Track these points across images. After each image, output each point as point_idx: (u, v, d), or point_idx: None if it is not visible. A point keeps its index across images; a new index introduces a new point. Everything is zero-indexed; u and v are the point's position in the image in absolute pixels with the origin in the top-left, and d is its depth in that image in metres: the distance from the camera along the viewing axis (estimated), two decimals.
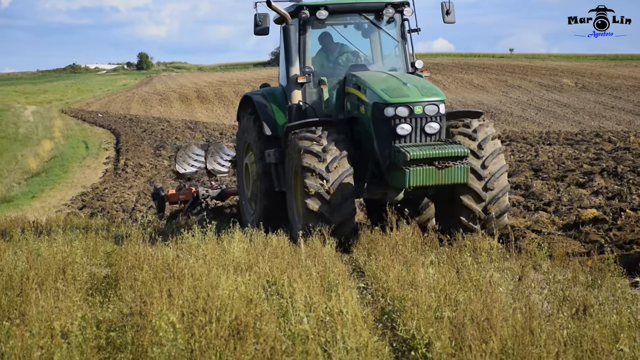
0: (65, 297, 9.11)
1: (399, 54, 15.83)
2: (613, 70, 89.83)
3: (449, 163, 12.92)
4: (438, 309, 8.29)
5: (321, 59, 15.75)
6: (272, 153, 14.79)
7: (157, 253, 11.45)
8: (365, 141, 14.15)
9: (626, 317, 8.05)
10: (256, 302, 8.43)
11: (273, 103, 15.47)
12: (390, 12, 15.26)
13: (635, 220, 14.28)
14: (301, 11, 14.80)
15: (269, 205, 15.28)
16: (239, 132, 17.24)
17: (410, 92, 13.48)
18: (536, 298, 9.08)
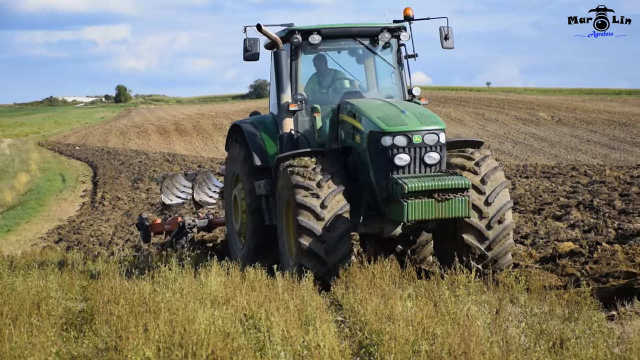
0: (39, 333, 9.02)
1: (395, 80, 15.09)
2: (588, 105, 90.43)
3: (450, 195, 12.19)
4: (415, 342, 8.27)
5: (313, 86, 15.06)
6: (263, 184, 14.14)
7: (133, 287, 11.40)
8: (361, 172, 13.43)
9: (602, 351, 8.08)
10: (233, 336, 8.40)
11: (263, 132, 14.77)
12: (386, 37, 14.63)
13: (611, 253, 14.30)
14: (293, 36, 14.20)
15: (259, 239, 14.54)
16: (227, 162, 16.49)
17: (409, 121, 12.80)
18: (513, 331, 9.06)
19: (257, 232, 14.49)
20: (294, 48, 14.35)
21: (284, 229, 13.53)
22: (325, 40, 14.36)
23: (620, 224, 18.75)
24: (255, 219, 14.48)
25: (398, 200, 12.20)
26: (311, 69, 15.12)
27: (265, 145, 14.52)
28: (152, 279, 12.47)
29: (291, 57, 14.33)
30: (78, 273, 14.91)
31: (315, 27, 14.19)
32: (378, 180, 12.84)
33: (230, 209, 16.16)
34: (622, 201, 24.33)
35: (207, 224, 19.49)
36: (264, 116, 15.63)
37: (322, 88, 15.08)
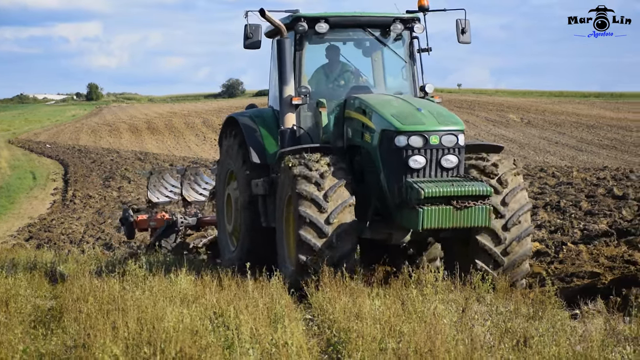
0: (7, 330, 8.98)
1: (406, 76, 13.91)
2: (557, 107, 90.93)
3: (469, 203, 11.15)
4: (383, 340, 8.28)
5: (319, 78, 13.90)
6: (261, 183, 13.04)
7: (102, 285, 11.35)
8: (369, 173, 12.33)
9: (565, 349, 8.14)
10: (202, 333, 8.39)
11: (262, 127, 13.54)
12: (398, 29, 13.39)
13: (576, 253, 14.39)
14: (298, 23, 12.99)
15: (253, 241, 13.42)
16: (221, 157, 15.24)
17: (426, 120, 11.76)
18: (479, 330, 9.12)
19: (252, 234, 13.46)
20: (298, 37, 13.27)
21: (283, 228, 12.50)
22: (333, 29, 13.23)
23: (586, 225, 18.92)
24: (251, 220, 13.44)
25: (413, 207, 11.22)
26: (315, 60, 14.03)
27: (264, 142, 13.38)
28: (122, 277, 12.44)
29: (295, 46, 13.24)
30: (48, 271, 14.83)
31: (323, 15, 13.11)
32: (390, 183, 11.81)
33: (222, 209, 15.07)
34: (588, 202, 24.59)
35: (196, 223, 18.80)
36: (262, 109, 14.56)
37: (328, 81, 13.97)
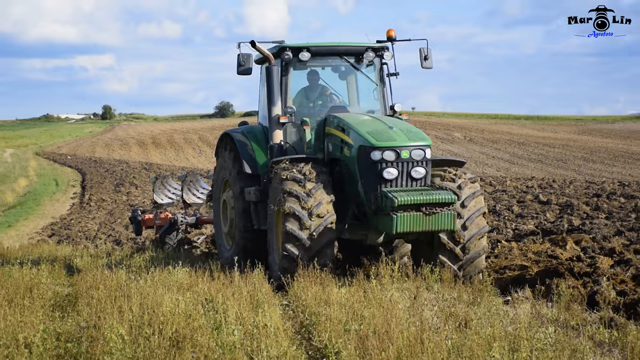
0: (30, 313, 8.90)
1: (377, 96, 13.56)
2: (494, 127, 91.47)
3: (437, 209, 10.94)
4: (347, 323, 8.24)
5: (301, 99, 13.56)
6: (252, 191, 12.70)
7: (111, 275, 11.25)
8: (348, 183, 11.96)
9: (498, 329, 8.13)
10: (194, 317, 8.35)
11: (253, 141, 13.17)
12: (370, 56, 13.18)
13: (509, 249, 14.42)
14: (284, 52, 12.81)
15: (247, 242, 12.98)
16: (217, 168, 14.72)
17: (397, 136, 11.48)
18: (428, 314, 9.11)
19: (245, 235, 13.01)
20: (284, 64, 12.98)
21: (273, 233, 12.11)
22: (314, 57, 13.01)
23: (517, 225, 18.99)
24: (245, 223, 12.98)
25: (387, 213, 10.98)
26: (299, 83, 13.73)
27: (255, 155, 13.01)
28: (128, 268, 12.35)
29: (282, 72, 12.92)
30: (67, 263, 14.71)
31: (305, 45, 12.92)
32: (367, 192, 11.50)
33: (218, 212, 14.58)
34: (519, 206, 24.67)
35: (195, 222, 18.48)
36: (253, 126, 14.10)
37: (309, 102, 13.66)
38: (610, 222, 19.55)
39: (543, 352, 7.42)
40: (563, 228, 18.29)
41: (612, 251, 14.00)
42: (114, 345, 7.23)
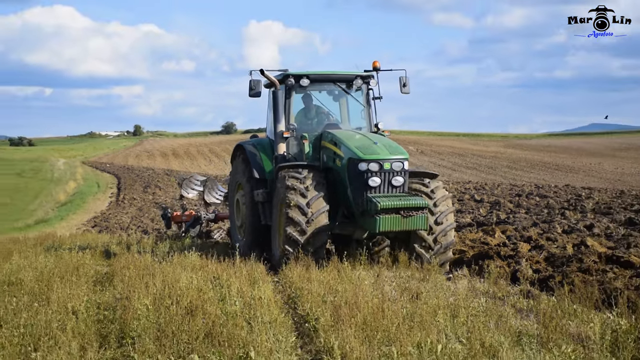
0: (76, 287, 8.88)
1: (364, 116, 12.96)
2: (440, 142, 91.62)
3: (412, 213, 10.52)
4: (324, 295, 8.24)
5: (301, 118, 12.88)
6: (260, 193, 12.25)
7: (140, 258, 11.20)
8: (339, 188, 11.40)
9: (442, 300, 8.20)
10: (204, 290, 8.34)
11: (262, 152, 12.69)
12: (358, 83, 12.67)
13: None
14: (288, 79, 12.30)
15: (255, 235, 12.48)
16: (232, 173, 14.18)
17: (380, 150, 11.03)
18: (388, 288, 9.14)
19: (254, 229, 12.51)
20: (288, 89, 12.42)
21: (276, 225, 11.59)
22: (312, 83, 12.48)
23: (457, 219, 18.97)
24: (254, 219, 12.48)
25: (372, 215, 10.58)
26: (300, 104, 13.13)
27: (263, 163, 12.53)
28: (153, 253, 12.29)
29: (285, 95, 12.45)
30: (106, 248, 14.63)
31: (305, 73, 12.42)
32: (355, 197, 11.03)
33: (233, 210, 13.90)
34: (459, 204, 24.76)
35: (214, 217, 17.93)
36: (262, 139, 13.47)
37: (307, 120, 12.99)
38: (528, 215, 19.69)
39: (477, 317, 7.48)
40: (492, 221, 18.38)
41: (529, 239, 14.07)
42: (141, 312, 7.23)
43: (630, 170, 51.77)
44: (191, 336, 6.58)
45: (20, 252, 13.43)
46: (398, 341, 6.43)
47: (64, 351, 6.15)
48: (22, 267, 10.65)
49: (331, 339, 6.52)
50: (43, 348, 6.28)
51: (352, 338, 6.45)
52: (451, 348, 6.27)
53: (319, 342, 6.77)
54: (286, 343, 6.63)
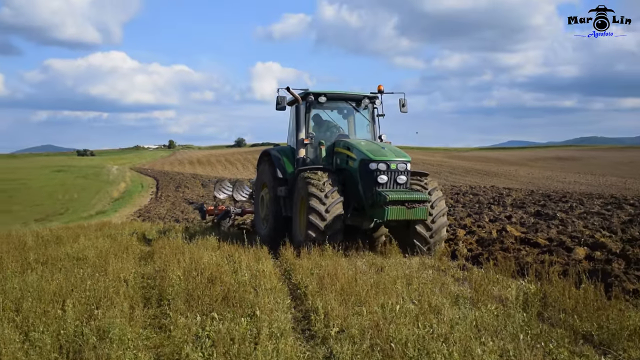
0: (127, 262, 8.84)
1: (369, 130, 12.08)
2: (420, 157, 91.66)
3: (415, 205, 9.76)
4: (312, 269, 8.22)
5: (317, 129, 12.02)
6: (283, 190, 11.54)
7: (173, 240, 11.13)
8: (350, 185, 10.54)
9: (400, 272, 8.21)
10: (221, 265, 8.30)
11: (284, 157, 11.92)
12: (366, 102, 11.88)
13: None
14: (308, 96, 11.53)
15: (276, 224, 11.73)
16: (258, 174, 13.22)
17: (388, 154, 10.31)
18: (360, 263, 9.12)
19: (276, 219, 11.78)
20: (308, 104, 11.63)
21: (297, 216, 10.75)
22: (329, 100, 11.66)
23: None
24: (276, 211, 11.75)
25: (381, 206, 9.77)
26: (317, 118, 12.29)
27: (285, 165, 11.75)
28: (183, 236, 12.23)
29: (306, 110, 11.66)
30: (147, 233, 14.57)
31: (323, 92, 11.56)
32: (365, 192, 10.21)
33: (258, 204, 13.08)
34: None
35: (241, 212, 16.96)
36: (284, 147, 12.50)
37: (321, 131, 12.08)
38: (464, 209, 19.75)
39: (425, 285, 7.51)
40: None
41: (465, 226, 14.14)
42: (174, 281, 7.22)
43: (538, 175, 52.05)
44: (212, 299, 6.57)
45: (85, 235, 13.37)
46: (367, 303, 6.44)
47: (118, 309, 6.13)
48: (86, 247, 10.60)
49: (317, 301, 6.53)
50: (103, 307, 6.26)
51: (332, 301, 6.46)
52: (406, 307, 6.29)
53: (307, 303, 6.77)
54: (283, 304, 6.64)
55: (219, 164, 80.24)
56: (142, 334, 5.65)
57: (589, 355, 5.27)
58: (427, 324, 5.76)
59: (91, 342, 5.20)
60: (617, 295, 6.99)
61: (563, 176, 49.41)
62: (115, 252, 9.86)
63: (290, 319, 6.22)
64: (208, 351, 5.08)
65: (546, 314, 6.45)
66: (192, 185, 48.25)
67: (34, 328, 5.58)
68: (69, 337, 5.40)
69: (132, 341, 5.33)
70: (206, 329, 5.59)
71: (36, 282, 7.16)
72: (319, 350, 5.32)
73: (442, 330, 5.57)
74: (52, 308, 6.13)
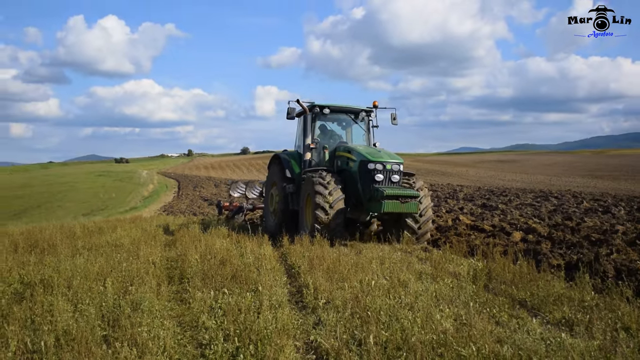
0: (154, 248, 8.71)
1: (365, 139, 11.39)
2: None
3: (408, 200, 9.28)
4: (303, 252, 8.13)
5: (321, 136, 11.27)
6: (291, 187, 11.01)
7: (192, 230, 11.04)
8: (350, 184, 9.95)
9: (375, 254, 8.18)
10: (230, 250, 8.23)
11: (292, 159, 11.33)
12: (363, 115, 11.29)
13: None
14: (315, 108, 10.91)
15: (284, 217, 11.11)
16: (269, 175, 12.41)
17: (384, 156, 9.77)
18: (342, 249, 9.08)
19: (284, 213, 11.24)
20: (314, 115, 11.06)
21: (303, 210, 10.11)
22: (332, 113, 11.12)
23: None
24: (284, 206, 11.12)
25: (378, 200, 9.24)
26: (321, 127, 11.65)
27: (293, 167, 11.18)
28: (200, 227, 12.13)
29: (312, 119, 11.07)
30: (171, 224, 14.43)
31: (327, 105, 10.99)
32: (363, 188, 9.67)
33: (268, 200, 12.32)
34: None
35: (252, 208, 16.11)
36: (292, 152, 11.87)
37: (325, 139, 11.23)
38: None
39: (395, 264, 7.50)
40: None
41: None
42: (192, 263, 7.14)
43: (484, 174, 52.33)
44: (223, 277, 6.50)
45: (121, 227, 13.20)
46: (348, 279, 6.41)
47: (147, 286, 6.07)
48: (122, 236, 10.46)
49: (308, 278, 6.49)
50: (135, 284, 6.18)
51: (320, 278, 6.43)
52: (380, 283, 6.28)
53: (300, 280, 6.72)
54: (280, 281, 6.61)
55: (228, 168, 79.80)
56: (167, 306, 5.60)
57: (524, 317, 5.30)
58: (396, 295, 5.77)
59: (126, 312, 5.16)
60: (544, 269, 7.06)
61: (503, 175, 49.76)
62: (145, 240, 9.74)
63: (286, 293, 6.18)
64: (220, 319, 5.05)
65: (491, 285, 6.48)
66: (207, 186, 47.91)
67: (82, 301, 5.54)
68: (109, 308, 5.36)
69: (159, 311, 5.29)
70: (218, 302, 5.56)
71: (83, 264, 7.08)
72: (309, 318, 5.31)
73: (409, 300, 5.58)
74: (96, 285, 6.07)
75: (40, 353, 4.30)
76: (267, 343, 4.41)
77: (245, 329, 4.69)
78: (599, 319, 5.09)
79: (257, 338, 4.52)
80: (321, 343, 4.53)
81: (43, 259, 7.80)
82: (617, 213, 14.94)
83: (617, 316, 5.16)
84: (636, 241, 8.81)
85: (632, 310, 5.29)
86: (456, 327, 4.74)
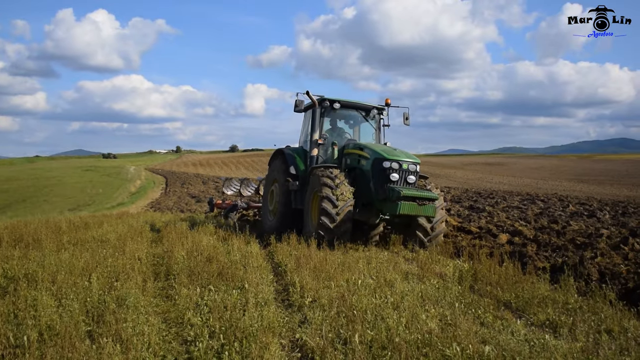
0: (141, 244, 8.63)
1: (375, 137, 10.75)
2: None
3: (425, 202, 8.58)
4: (290, 251, 8.14)
5: (330, 132, 10.60)
6: (295, 185, 10.18)
7: (179, 227, 10.97)
8: (360, 183, 9.26)
9: (362, 255, 8.19)
10: (217, 247, 8.20)
11: (296, 155, 10.54)
12: (374, 112, 10.62)
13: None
14: (324, 102, 10.25)
15: (285, 216, 10.40)
16: (269, 171, 11.53)
17: (400, 154, 9.12)
18: (327, 250, 9.06)
19: (285, 212, 10.49)
20: (323, 109, 10.34)
21: (309, 211, 9.42)
22: (342, 108, 10.43)
23: None
24: (285, 204, 10.36)
25: (394, 201, 8.52)
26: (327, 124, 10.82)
27: (297, 163, 10.39)
28: (187, 224, 12.05)
29: (321, 114, 10.34)
30: (157, 220, 14.32)
31: (337, 99, 10.33)
32: (376, 188, 8.97)
33: (267, 198, 11.43)
34: None
35: (247, 206, 15.19)
36: (296, 148, 11.04)
37: (334, 135, 10.67)
38: None
39: (382, 264, 7.51)
40: None
41: None
42: (179, 260, 7.10)
43: (472, 177, 52.72)
44: (209, 274, 6.47)
45: (107, 222, 13.06)
46: (335, 278, 6.41)
47: (133, 282, 6.02)
48: (109, 231, 10.38)
49: (294, 277, 6.48)
50: (121, 280, 6.12)
51: (307, 276, 6.41)
52: (366, 282, 6.29)
53: (287, 279, 6.70)
54: (267, 279, 6.58)
55: (217, 165, 79.41)
56: (153, 302, 5.55)
57: (508, 319, 5.34)
58: (382, 295, 5.77)
59: (111, 308, 5.11)
60: (530, 271, 7.13)
61: (491, 178, 50.19)
62: (131, 236, 9.65)
63: (272, 291, 6.16)
64: (206, 316, 5.02)
65: (476, 286, 6.52)
66: (195, 183, 47.64)
67: (66, 296, 5.48)
68: (94, 303, 5.30)
69: (145, 308, 5.24)
70: (204, 299, 5.52)
71: (68, 259, 7.00)
72: (295, 316, 5.30)
73: (395, 300, 5.59)
74: (81, 280, 6.01)
75: (23, 348, 4.24)
76: (253, 340, 4.39)
77: (231, 326, 4.67)
78: (582, 321, 5.15)
79: (243, 335, 4.50)
80: (306, 341, 4.52)
81: (27, 253, 7.69)
82: (602, 217, 15.15)
83: (600, 319, 5.23)
84: (620, 245, 8.94)
85: (614, 313, 5.37)
86: (441, 327, 4.76)
